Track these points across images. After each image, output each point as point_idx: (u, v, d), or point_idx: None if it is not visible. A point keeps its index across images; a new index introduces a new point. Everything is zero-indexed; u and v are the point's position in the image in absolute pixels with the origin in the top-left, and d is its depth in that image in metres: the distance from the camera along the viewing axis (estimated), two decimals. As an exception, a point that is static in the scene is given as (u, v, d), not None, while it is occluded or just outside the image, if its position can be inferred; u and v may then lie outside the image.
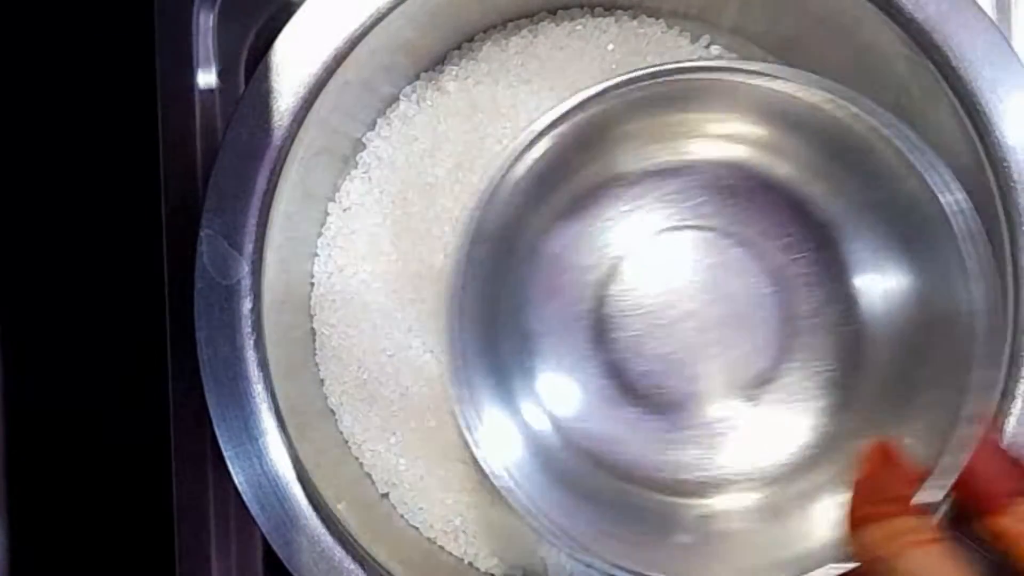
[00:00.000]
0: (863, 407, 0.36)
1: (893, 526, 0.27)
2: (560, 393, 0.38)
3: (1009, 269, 0.38)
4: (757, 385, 0.38)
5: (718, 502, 0.37)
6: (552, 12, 0.44)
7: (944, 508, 0.30)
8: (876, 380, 0.36)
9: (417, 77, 0.45)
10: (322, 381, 0.44)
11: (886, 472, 0.29)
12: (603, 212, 0.38)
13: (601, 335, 0.38)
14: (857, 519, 0.28)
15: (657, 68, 0.32)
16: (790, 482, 0.37)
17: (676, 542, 0.35)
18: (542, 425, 0.38)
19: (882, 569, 0.27)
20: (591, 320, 0.38)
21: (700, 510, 0.37)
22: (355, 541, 0.39)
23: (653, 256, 0.38)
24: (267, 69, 0.39)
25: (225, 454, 0.39)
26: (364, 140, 0.44)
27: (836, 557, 0.30)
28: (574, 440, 0.38)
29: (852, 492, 0.29)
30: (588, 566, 0.32)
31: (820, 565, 0.30)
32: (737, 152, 0.38)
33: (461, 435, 0.43)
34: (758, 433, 0.38)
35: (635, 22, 0.44)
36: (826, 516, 0.30)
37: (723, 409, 0.38)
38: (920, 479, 0.29)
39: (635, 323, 0.38)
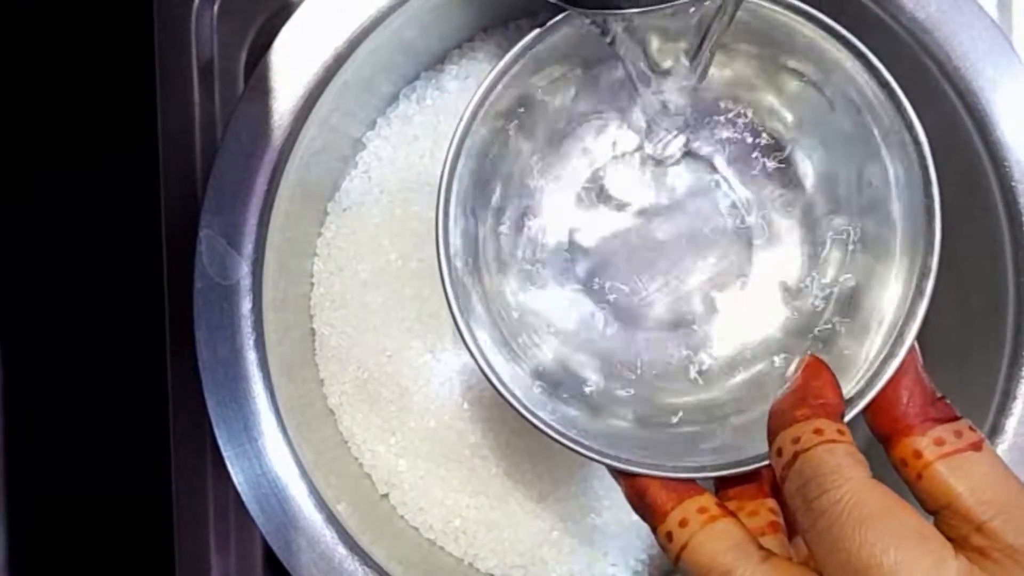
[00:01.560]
0: (819, 313, 0.37)
1: (813, 425, 0.28)
2: (535, 288, 0.39)
3: (1010, 269, 0.38)
4: (719, 293, 0.39)
5: (674, 399, 0.38)
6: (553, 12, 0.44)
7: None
8: (832, 285, 0.37)
9: (417, 77, 0.45)
10: (322, 381, 0.44)
11: (818, 382, 0.30)
12: (582, 133, 0.40)
13: (575, 243, 0.39)
14: (784, 420, 0.29)
15: None
16: (739, 385, 0.38)
17: (623, 432, 0.36)
18: (508, 310, 0.38)
19: (796, 465, 0.28)
20: (568, 228, 0.39)
21: (652, 406, 0.38)
22: (355, 542, 0.39)
23: (625, 171, 0.40)
24: (267, 69, 0.39)
25: (225, 455, 0.39)
26: (364, 140, 0.44)
27: (756, 459, 0.32)
28: (540, 333, 0.39)
29: (781, 398, 0.30)
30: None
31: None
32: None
33: (461, 436, 0.43)
34: (720, 337, 0.39)
35: (635, 21, 0.44)
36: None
37: (687, 315, 0.39)
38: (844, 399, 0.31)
39: (605, 233, 0.39)
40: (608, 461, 0.32)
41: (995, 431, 0.38)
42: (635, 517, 0.42)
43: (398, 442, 0.44)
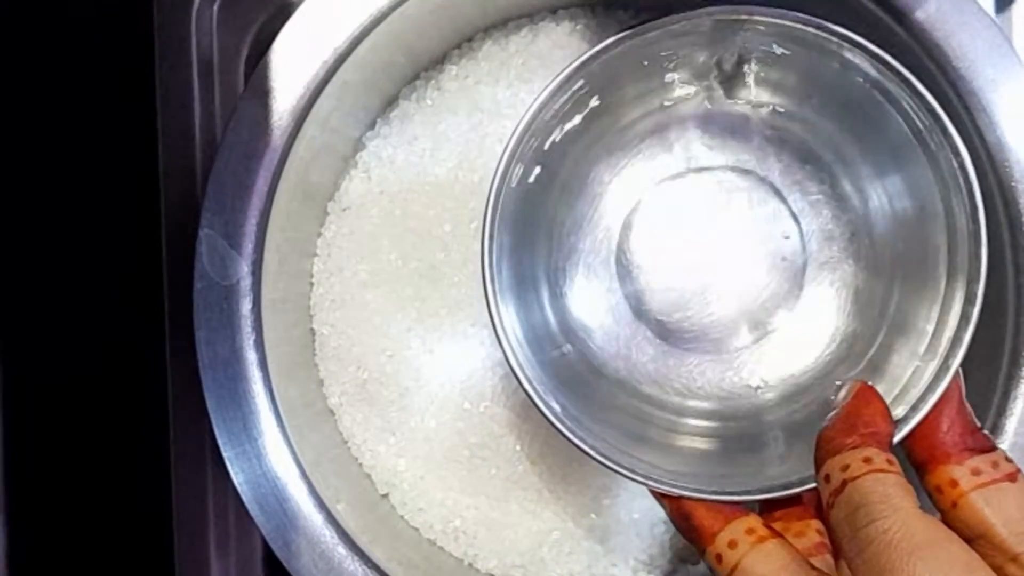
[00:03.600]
0: (868, 337, 0.37)
1: (863, 453, 0.29)
2: (582, 305, 0.39)
3: (1010, 270, 0.38)
4: (770, 316, 0.39)
5: (722, 422, 0.38)
6: (552, 11, 0.44)
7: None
8: (881, 309, 0.37)
9: (417, 76, 0.45)
10: (322, 381, 0.44)
11: (868, 410, 0.31)
12: (639, 150, 0.40)
13: (624, 261, 0.39)
14: (832, 447, 0.29)
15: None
16: (787, 407, 0.38)
17: (669, 450, 0.36)
18: (556, 332, 0.38)
19: (844, 492, 0.28)
20: (617, 245, 0.40)
21: (700, 428, 0.38)
22: (355, 542, 0.39)
23: (679, 191, 0.40)
24: (267, 69, 0.39)
25: (224, 455, 0.39)
26: (364, 140, 0.44)
27: (802, 481, 0.32)
28: (584, 351, 0.39)
29: (830, 424, 0.30)
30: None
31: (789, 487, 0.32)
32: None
33: (461, 436, 0.43)
34: (770, 360, 0.39)
35: (635, 20, 0.44)
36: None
37: (736, 338, 0.39)
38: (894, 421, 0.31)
39: (656, 252, 0.39)
40: (652, 483, 0.32)
41: (995, 431, 0.38)
42: (635, 516, 0.43)
43: (398, 442, 0.44)
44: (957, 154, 0.32)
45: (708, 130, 0.39)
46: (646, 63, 0.36)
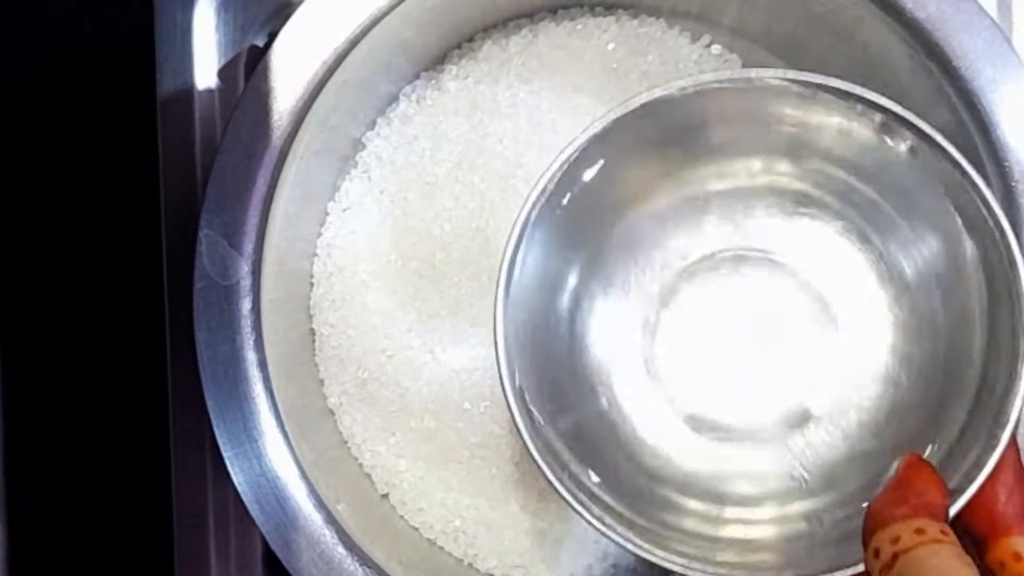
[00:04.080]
0: (907, 421, 0.36)
1: (915, 524, 0.27)
2: (602, 395, 0.38)
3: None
4: (809, 401, 0.38)
5: (760, 512, 0.37)
6: (552, 11, 0.44)
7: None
8: (927, 381, 0.36)
9: (417, 76, 0.45)
10: (322, 381, 0.44)
11: (920, 480, 0.29)
12: (660, 235, 0.39)
13: (653, 353, 0.38)
14: (881, 519, 0.28)
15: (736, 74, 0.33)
16: (831, 494, 0.36)
17: (707, 542, 0.35)
18: (588, 428, 0.37)
19: (896, 567, 0.27)
20: (645, 340, 0.38)
21: (739, 516, 0.37)
22: (355, 542, 0.39)
23: (707, 277, 0.38)
24: (266, 69, 0.39)
25: (224, 455, 0.39)
26: (364, 140, 0.44)
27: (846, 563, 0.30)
28: (616, 447, 0.38)
29: (879, 497, 0.29)
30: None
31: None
32: (779, 176, 0.38)
33: (461, 436, 0.43)
34: (811, 448, 0.37)
35: (635, 21, 0.44)
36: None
37: (773, 427, 0.38)
38: (949, 492, 0.29)
39: (686, 345, 0.38)
40: (696, 574, 0.31)
41: (995, 430, 0.38)
42: (635, 517, 0.43)
43: (398, 442, 0.43)
44: (987, 204, 0.31)
45: (735, 206, 0.38)
46: (658, 137, 0.35)
